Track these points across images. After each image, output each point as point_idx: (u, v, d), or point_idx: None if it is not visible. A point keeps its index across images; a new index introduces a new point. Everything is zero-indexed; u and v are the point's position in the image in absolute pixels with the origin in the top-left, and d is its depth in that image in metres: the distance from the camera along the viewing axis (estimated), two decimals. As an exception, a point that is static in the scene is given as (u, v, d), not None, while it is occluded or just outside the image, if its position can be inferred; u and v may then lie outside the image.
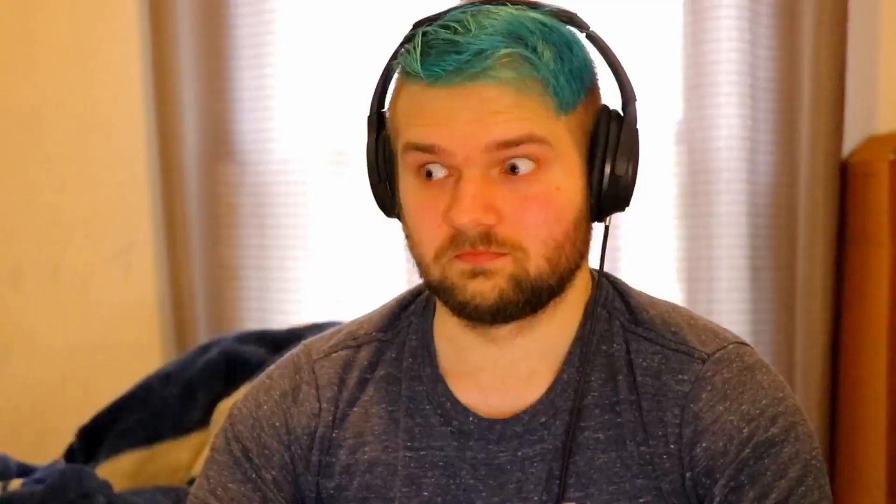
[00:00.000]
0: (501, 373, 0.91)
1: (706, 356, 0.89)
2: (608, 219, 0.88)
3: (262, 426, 0.94)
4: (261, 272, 2.24)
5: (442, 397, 0.91)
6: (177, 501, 1.60)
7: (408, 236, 0.88)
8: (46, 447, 1.97)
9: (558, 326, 0.90)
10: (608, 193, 0.85)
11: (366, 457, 0.92)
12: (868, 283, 1.87)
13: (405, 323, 0.97)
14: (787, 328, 2.02)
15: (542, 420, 0.89)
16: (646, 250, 2.07)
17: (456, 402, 0.91)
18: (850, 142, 1.97)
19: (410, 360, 0.94)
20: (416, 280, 0.92)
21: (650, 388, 0.88)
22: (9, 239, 2.31)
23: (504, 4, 0.85)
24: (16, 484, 1.58)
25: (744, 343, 0.93)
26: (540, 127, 0.81)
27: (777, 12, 1.99)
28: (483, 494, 0.89)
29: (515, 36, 0.81)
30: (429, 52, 0.82)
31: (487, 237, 0.81)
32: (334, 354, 0.96)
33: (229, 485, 0.93)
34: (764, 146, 2.02)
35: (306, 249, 2.21)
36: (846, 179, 1.95)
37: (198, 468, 1.70)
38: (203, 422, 1.76)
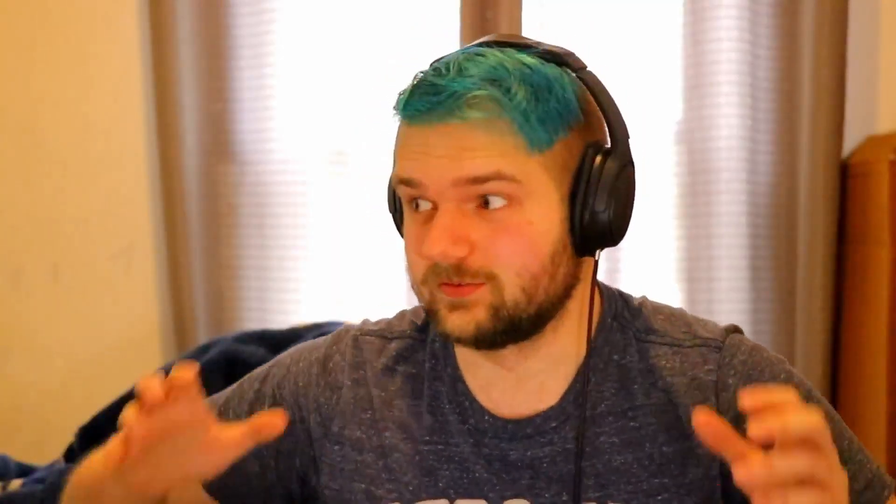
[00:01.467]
0: (511, 388, 0.95)
1: (720, 344, 0.96)
2: (598, 253, 0.90)
3: (289, 380, 1.02)
4: (261, 272, 2.24)
5: (461, 396, 0.96)
6: (177, 501, 1.60)
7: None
8: (46, 447, 1.96)
9: (563, 345, 0.94)
10: (589, 228, 0.88)
11: (385, 442, 0.97)
12: (868, 283, 1.87)
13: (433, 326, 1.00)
14: (787, 328, 2.02)
15: (553, 425, 0.93)
16: (646, 250, 2.07)
17: (473, 401, 0.96)
18: (850, 142, 1.97)
19: (433, 361, 0.99)
20: None
21: (682, 385, 0.93)
22: (9, 239, 2.31)
23: (504, 47, 0.89)
24: (16, 484, 1.59)
25: (736, 327, 1.01)
26: (509, 165, 0.85)
27: (777, 12, 1.99)
28: (497, 487, 0.93)
29: (491, 78, 0.85)
30: (414, 92, 0.87)
31: (459, 269, 0.85)
32: (370, 338, 1.03)
33: (233, 407, 1.04)
34: (764, 146, 2.02)
35: (306, 249, 2.21)
36: (846, 179, 1.95)
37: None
38: (203, 422, 1.75)
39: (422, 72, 0.89)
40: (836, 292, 1.95)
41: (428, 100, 0.85)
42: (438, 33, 2.09)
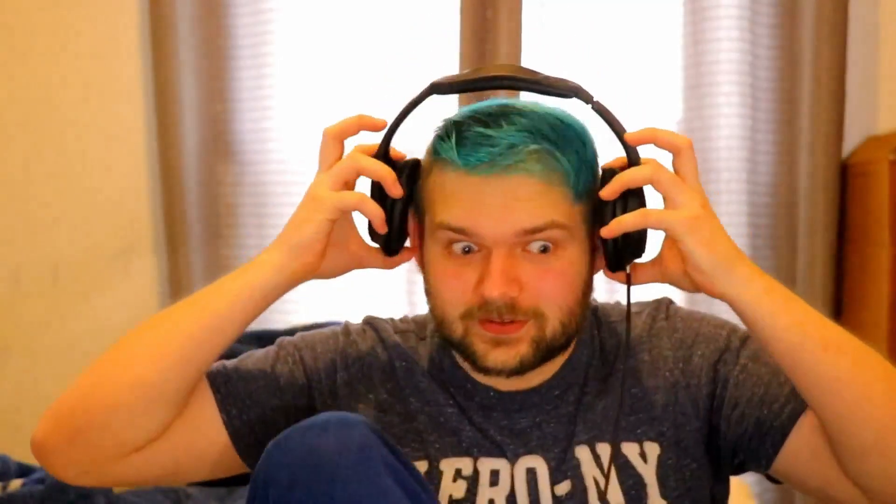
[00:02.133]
0: (512, 385, 1.03)
1: (668, 301, 1.10)
2: (629, 267, 1.00)
3: (312, 346, 1.09)
4: (261, 272, 2.24)
5: (462, 380, 1.04)
6: (176, 501, 1.60)
7: (428, 291, 1.00)
8: (46, 447, 1.96)
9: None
10: (623, 248, 0.98)
11: (410, 407, 1.04)
12: (868, 283, 1.87)
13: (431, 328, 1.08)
14: (787, 328, 2.02)
15: (556, 392, 1.03)
16: (646, 250, 2.06)
17: (476, 383, 1.03)
18: (850, 142, 1.97)
19: (436, 358, 1.07)
20: (415, 278, 0.95)
21: (646, 340, 1.06)
22: (9, 239, 2.31)
23: (516, 82, 0.95)
24: (16, 484, 1.58)
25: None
26: (561, 215, 0.94)
27: (777, 12, 1.99)
28: (511, 447, 1.01)
29: (540, 133, 0.93)
30: (464, 142, 0.93)
31: (512, 307, 0.93)
32: (380, 322, 1.12)
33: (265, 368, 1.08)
34: (764, 146, 2.02)
35: (306, 249, 2.21)
36: (846, 179, 1.95)
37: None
38: (203, 422, 1.75)
39: (456, 120, 0.95)
40: (836, 292, 1.95)
41: (488, 151, 0.91)
42: (438, 33, 2.09)
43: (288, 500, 0.84)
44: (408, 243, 1.04)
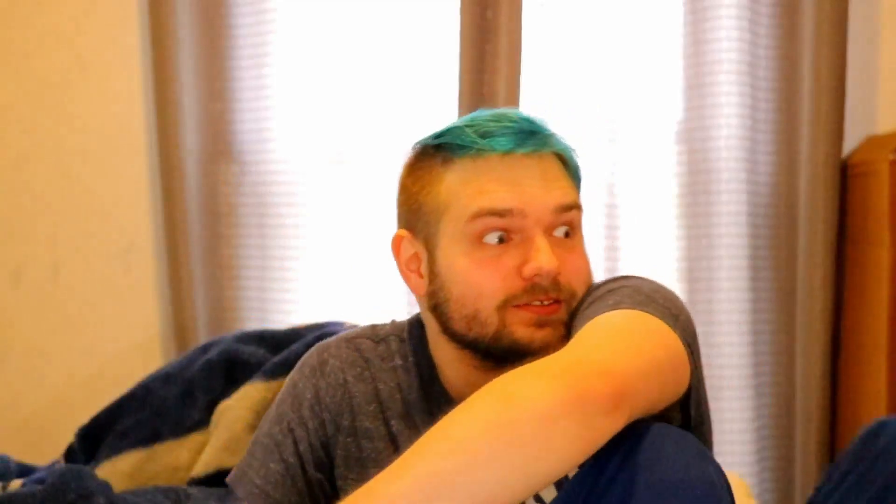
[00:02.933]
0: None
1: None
2: None
3: (300, 401, 1.10)
4: (261, 272, 2.24)
5: (438, 397, 1.06)
6: (176, 501, 1.60)
7: (448, 298, 1.00)
8: (46, 447, 1.97)
9: None
10: None
11: (392, 430, 1.06)
12: (868, 283, 1.87)
13: (394, 340, 1.12)
14: (787, 328, 2.02)
15: None
16: (646, 250, 2.07)
17: (452, 401, 1.02)
18: (850, 142, 1.97)
19: (413, 358, 1.09)
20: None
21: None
22: (9, 239, 2.31)
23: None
24: (16, 484, 1.58)
25: None
26: (577, 197, 1.00)
27: (777, 12, 1.99)
28: None
29: (542, 124, 1.00)
30: (486, 133, 0.97)
31: (556, 284, 0.97)
32: (359, 340, 1.12)
33: (270, 465, 1.09)
34: (764, 146, 2.02)
35: (306, 249, 2.21)
36: (846, 179, 1.95)
37: (198, 468, 1.70)
38: (203, 422, 1.75)
39: (461, 124, 1.00)
40: (836, 292, 1.95)
41: (514, 135, 0.96)
42: (438, 33, 2.09)
43: None
44: None
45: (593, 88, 2.05)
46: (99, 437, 1.77)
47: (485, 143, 0.96)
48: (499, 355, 0.99)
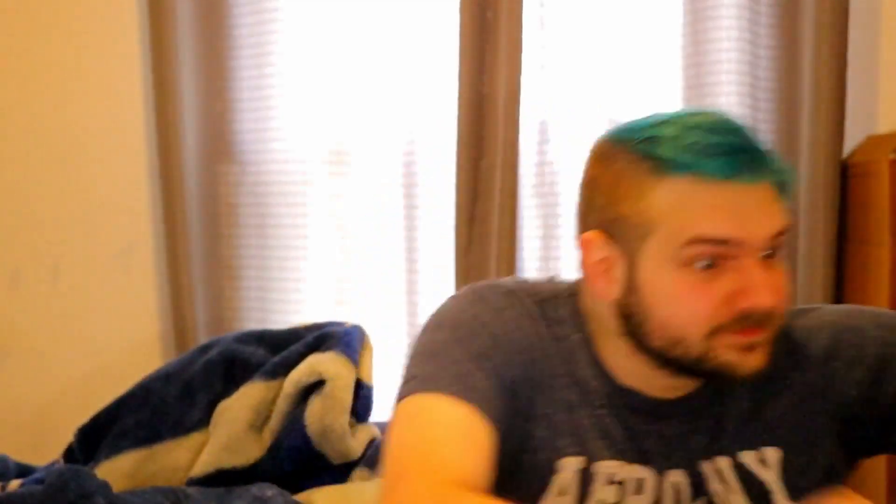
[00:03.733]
0: (660, 392, 1.03)
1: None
2: None
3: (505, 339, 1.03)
4: (261, 272, 2.25)
5: (605, 383, 1.02)
6: (176, 502, 1.60)
7: (649, 317, 0.97)
8: (46, 447, 1.97)
9: None
10: None
11: (570, 397, 1.02)
12: (868, 283, 1.87)
13: (563, 314, 1.05)
14: (788, 328, 2.02)
15: (704, 403, 1.02)
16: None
17: (619, 386, 1.01)
18: (850, 142, 1.97)
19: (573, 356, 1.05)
20: (415, 279, 0.94)
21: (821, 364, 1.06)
22: (9, 239, 2.31)
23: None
24: (15, 484, 1.59)
25: None
26: (788, 218, 0.97)
27: (777, 12, 1.99)
28: (659, 458, 1.02)
29: (757, 139, 0.96)
30: (711, 152, 0.92)
31: (769, 315, 0.94)
32: (545, 305, 1.06)
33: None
34: (764, 146, 2.02)
35: (306, 249, 2.21)
36: (846, 179, 1.95)
37: (197, 468, 1.70)
38: (203, 422, 1.76)
39: (678, 134, 0.94)
40: (836, 292, 1.94)
41: (738, 160, 0.92)
42: (438, 33, 2.09)
43: None
44: None
45: (593, 88, 2.05)
46: (98, 436, 1.77)
47: (705, 166, 0.92)
48: (699, 374, 0.98)
